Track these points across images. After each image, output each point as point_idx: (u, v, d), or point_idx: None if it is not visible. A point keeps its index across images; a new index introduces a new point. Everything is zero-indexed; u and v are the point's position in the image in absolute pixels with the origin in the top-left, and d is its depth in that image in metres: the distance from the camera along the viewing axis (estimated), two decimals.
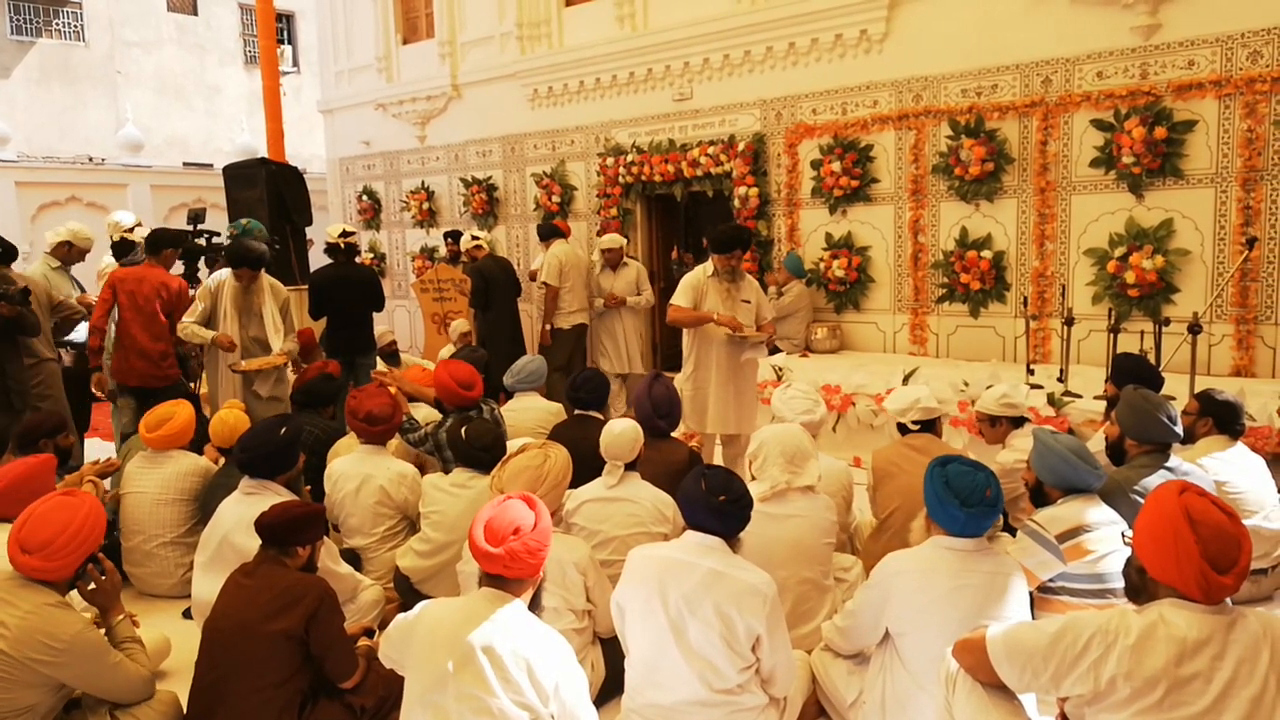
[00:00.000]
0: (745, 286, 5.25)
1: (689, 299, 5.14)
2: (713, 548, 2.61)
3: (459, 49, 10.85)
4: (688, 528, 2.72)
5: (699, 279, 5.18)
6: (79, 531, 2.58)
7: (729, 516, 2.66)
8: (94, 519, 2.65)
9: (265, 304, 5.43)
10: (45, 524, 2.52)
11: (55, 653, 2.46)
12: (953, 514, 2.51)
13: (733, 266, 5.14)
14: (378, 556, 3.89)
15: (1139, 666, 1.85)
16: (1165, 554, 1.94)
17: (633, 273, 7.89)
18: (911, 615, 2.53)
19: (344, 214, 12.68)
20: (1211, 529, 1.91)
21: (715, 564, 2.57)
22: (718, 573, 2.55)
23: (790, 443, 3.36)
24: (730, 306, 5.14)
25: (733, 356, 5.18)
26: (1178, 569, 1.92)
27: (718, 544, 2.62)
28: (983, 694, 2.12)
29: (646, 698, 2.64)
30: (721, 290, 5.16)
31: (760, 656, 2.58)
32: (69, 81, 16.24)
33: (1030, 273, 6.96)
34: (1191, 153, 6.19)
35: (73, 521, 2.58)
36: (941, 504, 2.53)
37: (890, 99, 7.56)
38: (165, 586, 4.10)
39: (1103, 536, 2.99)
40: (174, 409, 4.16)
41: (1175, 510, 1.94)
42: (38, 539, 2.50)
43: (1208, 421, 3.80)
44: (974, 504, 2.49)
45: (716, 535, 2.62)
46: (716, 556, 2.60)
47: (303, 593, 2.77)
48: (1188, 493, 1.99)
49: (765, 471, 3.32)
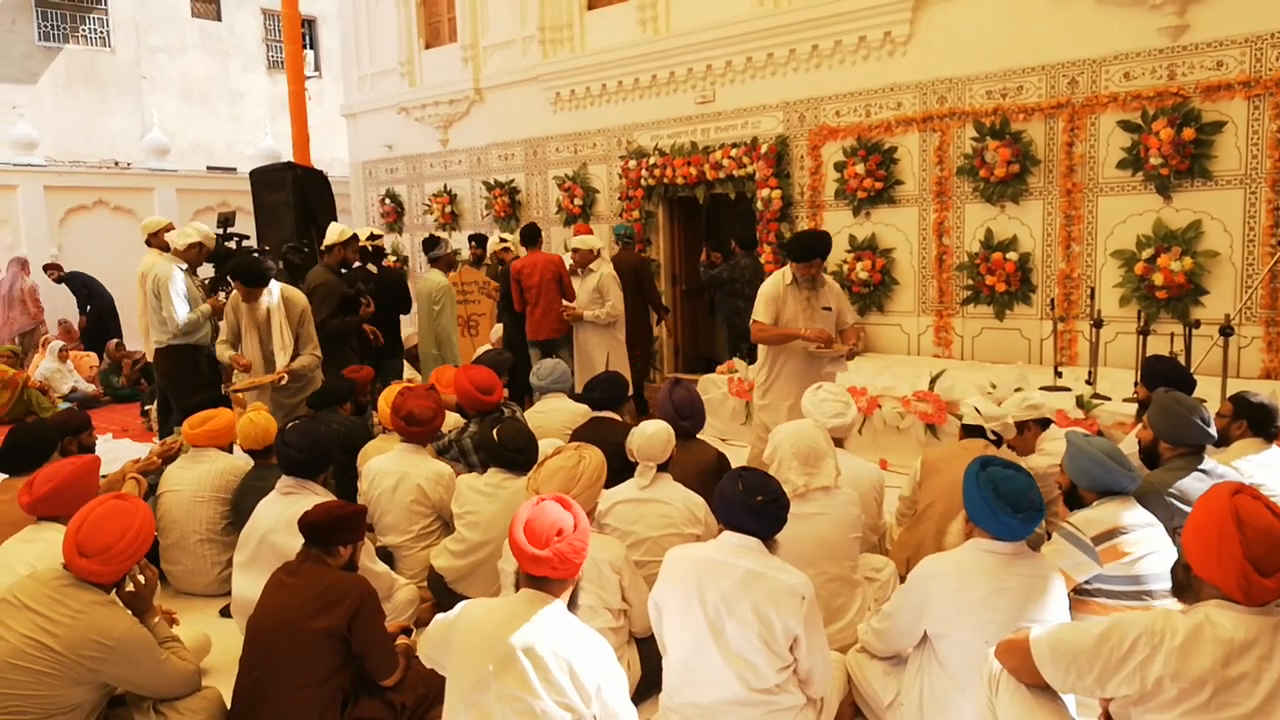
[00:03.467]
0: (825, 292, 4.95)
1: (770, 313, 4.84)
2: (750, 548, 2.63)
3: (481, 53, 10.92)
4: (724, 529, 2.73)
5: (777, 288, 4.86)
6: (136, 537, 2.64)
7: (766, 517, 2.66)
8: (148, 526, 2.71)
9: (272, 319, 5.35)
10: (103, 529, 2.57)
11: (106, 650, 2.50)
12: (1005, 521, 2.50)
13: (812, 275, 4.85)
14: (411, 555, 3.93)
15: (1186, 667, 1.85)
16: (1209, 552, 1.95)
17: (594, 280, 6.99)
18: (951, 618, 2.53)
19: (366, 217, 12.78)
20: (1259, 531, 1.90)
21: (753, 564, 2.59)
22: (756, 573, 2.57)
23: (803, 444, 3.35)
24: (810, 315, 4.86)
25: (812, 368, 4.91)
26: (1220, 568, 1.92)
27: (755, 545, 2.63)
28: (1026, 695, 2.12)
29: (685, 697, 2.66)
30: (801, 298, 4.86)
31: (798, 657, 2.59)
32: (95, 87, 16.43)
33: (1056, 275, 6.94)
34: (1220, 154, 6.15)
35: (130, 527, 2.63)
36: (993, 512, 2.52)
37: (914, 101, 7.55)
38: (202, 584, 4.16)
39: (1139, 539, 2.98)
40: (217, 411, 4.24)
41: (1224, 510, 1.94)
42: (96, 543, 2.56)
43: (1242, 424, 3.77)
44: (1023, 509, 2.50)
45: (754, 536, 2.64)
46: (754, 557, 2.61)
47: (345, 591, 2.80)
48: (1241, 494, 1.99)
49: (782, 475, 3.32)
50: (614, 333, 7.08)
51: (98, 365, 10.17)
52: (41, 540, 3.05)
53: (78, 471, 3.11)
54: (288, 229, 8.69)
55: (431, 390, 4.42)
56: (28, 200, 12.29)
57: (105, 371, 10.04)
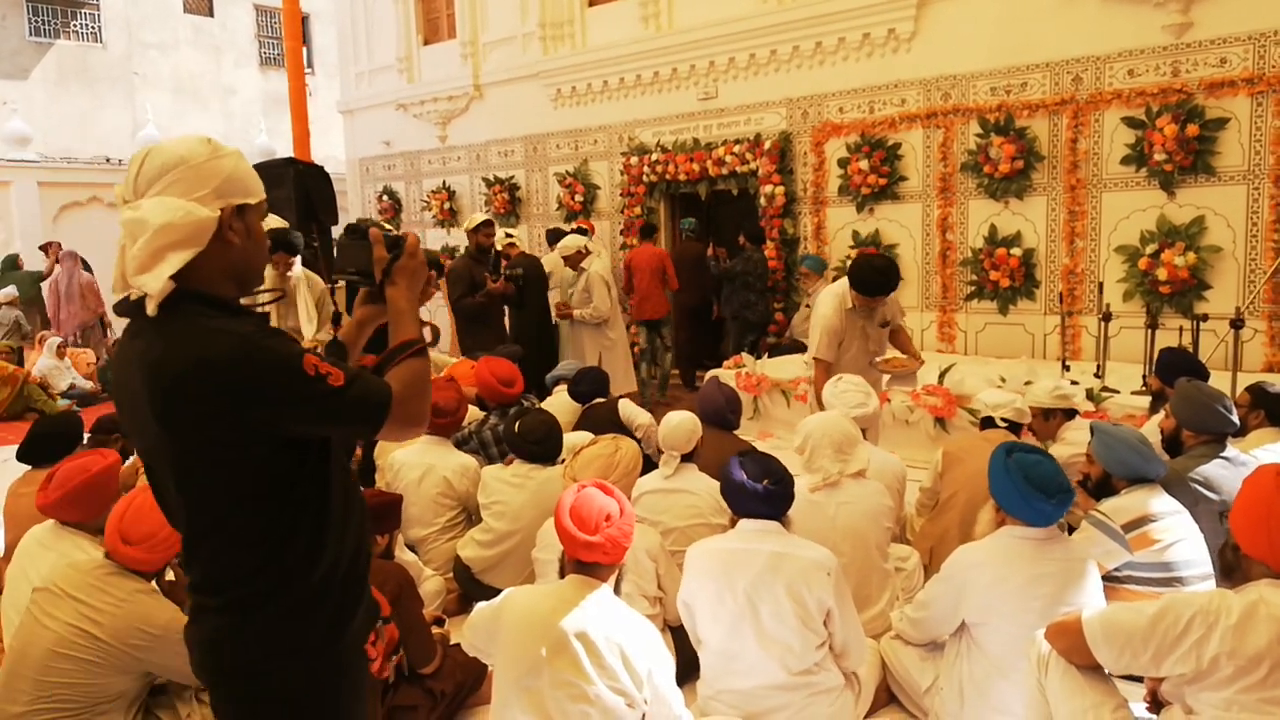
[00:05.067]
0: (881, 310, 4.74)
1: (833, 349, 4.59)
2: (770, 531, 2.69)
3: (481, 49, 10.90)
4: (737, 517, 2.77)
5: (839, 318, 4.58)
6: None
7: (775, 498, 2.73)
8: None
9: (300, 293, 5.46)
10: (146, 517, 2.56)
11: (151, 638, 2.50)
12: (1039, 507, 2.53)
13: (870, 310, 4.65)
14: (436, 547, 3.93)
15: (1242, 645, 1.89)
16: (1258, 529, 1.99)
17: (584, 279, 7.07)
18: (992, 605, 2.56)
19: (364, 214, 12.74)
20: None
21: (776, 546, 2.65)
22: (780, 554, 2.62)
23: (838, 432, 3.40)
24: (864, 337, 4.72)
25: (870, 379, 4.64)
26: (1270, 545, 1.96)
27: (774, 527, 2.70)
28: (1077, 675, 2.15)
29: (724, 684, 2.68)
30: (857, 326, 4.66)
31: (832, 630, 2.64)
32: (87, 83, 16.31)
33: (1060, 270, 7.00)
34: (1223, 150, 6.23)
35: None
36: (1025, 498, 2.54)
37: (918, 97, 7.59)
38: None
39: (1168, 526, 3.02)
40: None
41: (1271, 488, 1.98)
42: (140, 531, 2.55)
43: (1259, 414, 3.83)
44: (1055, 493, 2.53)
45: (769, 519, 2.70)
46: (776, 539, 2.67)
47: (385, 579, 2.80)
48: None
49: (815, 463, 3.36)
50: (605, 332, 7.19)
51: (95, 362, 10.10)
52: (56, 550, 2.99)
53: (97, 476, 3.06)
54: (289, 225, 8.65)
55: (451, 382, 4.42)
56: (21, 196, 12.21)
57: (104, 369, 9.97)
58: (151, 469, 1.58)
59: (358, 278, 1.69)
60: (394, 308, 1.69)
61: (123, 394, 1.54)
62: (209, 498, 1.49)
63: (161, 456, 1.49)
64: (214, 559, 1.53)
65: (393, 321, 1.69)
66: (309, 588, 1.54)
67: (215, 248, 1.47)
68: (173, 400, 1.40)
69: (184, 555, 1.57)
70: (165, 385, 1.40)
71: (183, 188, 1.45)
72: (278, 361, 1.42)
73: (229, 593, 1.52)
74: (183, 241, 1.43)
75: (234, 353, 1.40)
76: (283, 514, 1.51)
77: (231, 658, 1.55)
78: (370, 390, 1.50)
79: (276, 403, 1.42)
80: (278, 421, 1.45)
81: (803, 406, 6.57)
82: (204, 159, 1.48)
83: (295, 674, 1.56)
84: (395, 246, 1.70)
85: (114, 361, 1.58)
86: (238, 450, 1.45)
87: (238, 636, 1.53)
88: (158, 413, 1.42)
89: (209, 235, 1.46)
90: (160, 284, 1.41)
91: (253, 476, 1.48)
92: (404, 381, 1.56)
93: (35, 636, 2.46)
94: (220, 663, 1.57)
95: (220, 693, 1.60)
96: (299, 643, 1.55)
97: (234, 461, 1.46)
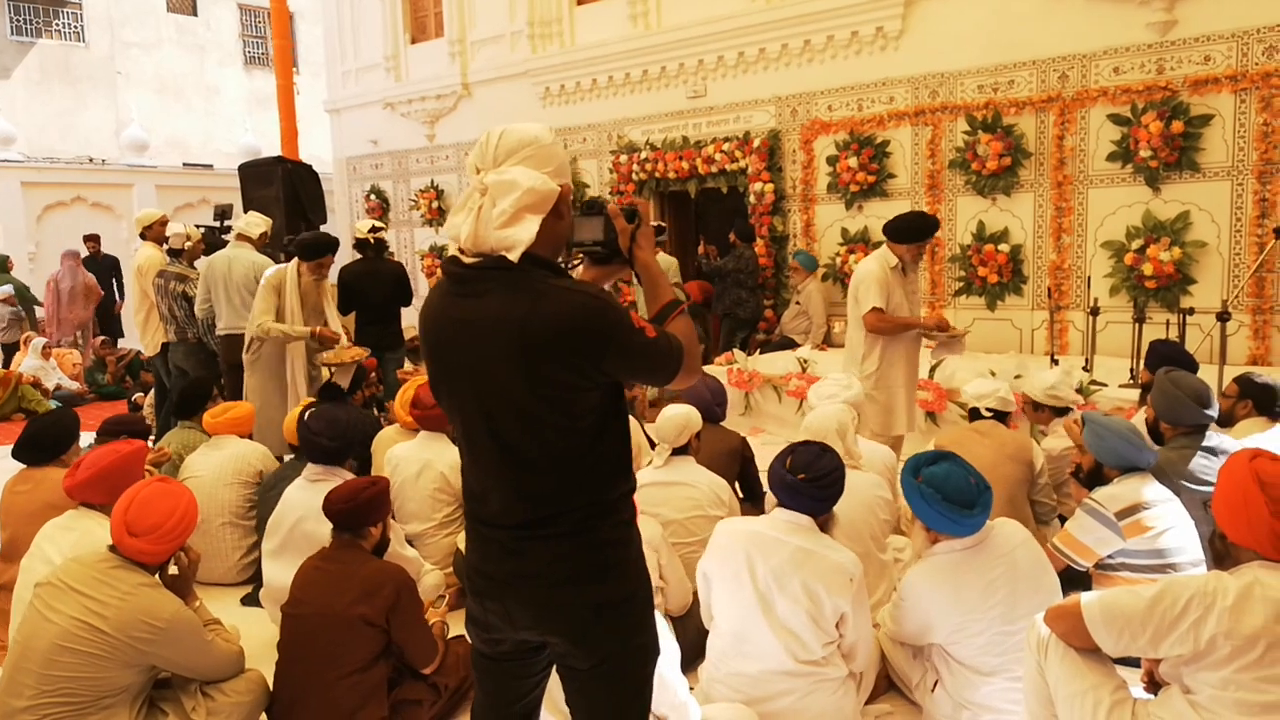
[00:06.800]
0: (915, 275, 4.77)
1: (884, 299, 4.51)
2: (801, 526, 2.66)
3: (469, 48, 10.90)
4: (777, 505, 2.77)
5: (884, 275, 4.53)
6: (184, 517, 2.64)
7: (803, 494, 2.67)
8: (194, 506, 2.71)
9: (326, 296, 5.43)
10: (152, 508, 2.57)
11: (156, 631, 2.50)
12: (964, 521, 2.57)
13: (918, 255, 4.64)
14: (434, 542, 3.94)
15: (1239, 625, 1.92)
16: (1238, 517, 2.03)
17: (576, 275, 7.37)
18: (956, 623, 2.61)
19: (351, 213, 12.70)
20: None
21: (804, 542, 2.63)
22: (806, 550, 2.61)
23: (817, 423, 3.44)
24: (909, 297, 4.67)
25: (916, 354, 4.78)
26: (1250, 530, 2.00)
27: (807, 523, 2.67)
28: (1076, 658, 2.19)
29: (732, 666, 2.70)
30: (900, 283, 4.61)
31: (844, 633, 2.65)
32: (69, 82, 16.19)
33: (1047, 266, 7.07)
34: (1208, 146, 6.31)
35: (179, 506, 2.63)
36: (947, 518, 2.57)
37: (907, 95, 7.65)
38: (221, 571, 4.14)
39: (1160, 513, 3.06)
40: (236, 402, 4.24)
41: (1246, 474, 2.02)
42: (146, 522, 2.55)
43: (1247, 404, 3.88)
44: (973, 502, 2.56)
45: (804, 513, 2.68)
46: (804, 535, 2.65)
47: (383, 582, 2.80)
48: (1259, 458, 2.07)
49: None
50: None
51: (81, 363, 10.02)
52: (78, 529, 3.02)
53: (125, 459, 3.09)
54: (278, 223, 8.61)
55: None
56: (5, 196, 12.12)
57: (90, 369, 9.90)
58: (477, 417, 1.73)
59: (599, 249, 1.85)
60: (649, 273, 1.86)
61: (449, 352, 1.74)
62: (556, 437, 1.69)
63: (508, 402, 1.68)
64: (554, 490, 1.73)
65: (648, 285, 1.87)
66: (625, 496, 1.81)
67: (549, 219, 1.67)
68: (542, 352, 1.61)
69: (515, 493, 1.74)
70: (535, 339, 1.61)
71: (535, 162, 1.67)
72: (623, 317, 1.65)
73: (572, 514, 1.73)
74: (537, 205, 1.64)
75: (594, 310, 1.63)
76: (611, 445, 1.77)
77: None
78: (672, 345, 1.73)
79: (621, 351, 1.65)
80: (618, 367, 1.68)
81: (793, 402, 6.62)
82: (550, 141, 1.71)
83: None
84: (633, 217, 1.85)
85: (435, 320, 1.76)
86: (586, 393, 1.68)
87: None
88: (526, 363, 1.62)
89: (550, 205, 1.67)
90: (530, 235, 1.61)
91: (591, 414, 1.70)
92: (685, 337, 1.78)
93: (39, 630, 2.45)
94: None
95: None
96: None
97: (581, 403, 1.68)
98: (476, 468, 1.81)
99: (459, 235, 1.69)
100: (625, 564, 1.80)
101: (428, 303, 1.80)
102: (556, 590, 1.74)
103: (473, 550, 1.85)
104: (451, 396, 1.79)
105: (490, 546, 1.80)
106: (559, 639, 1.79)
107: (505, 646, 1.87)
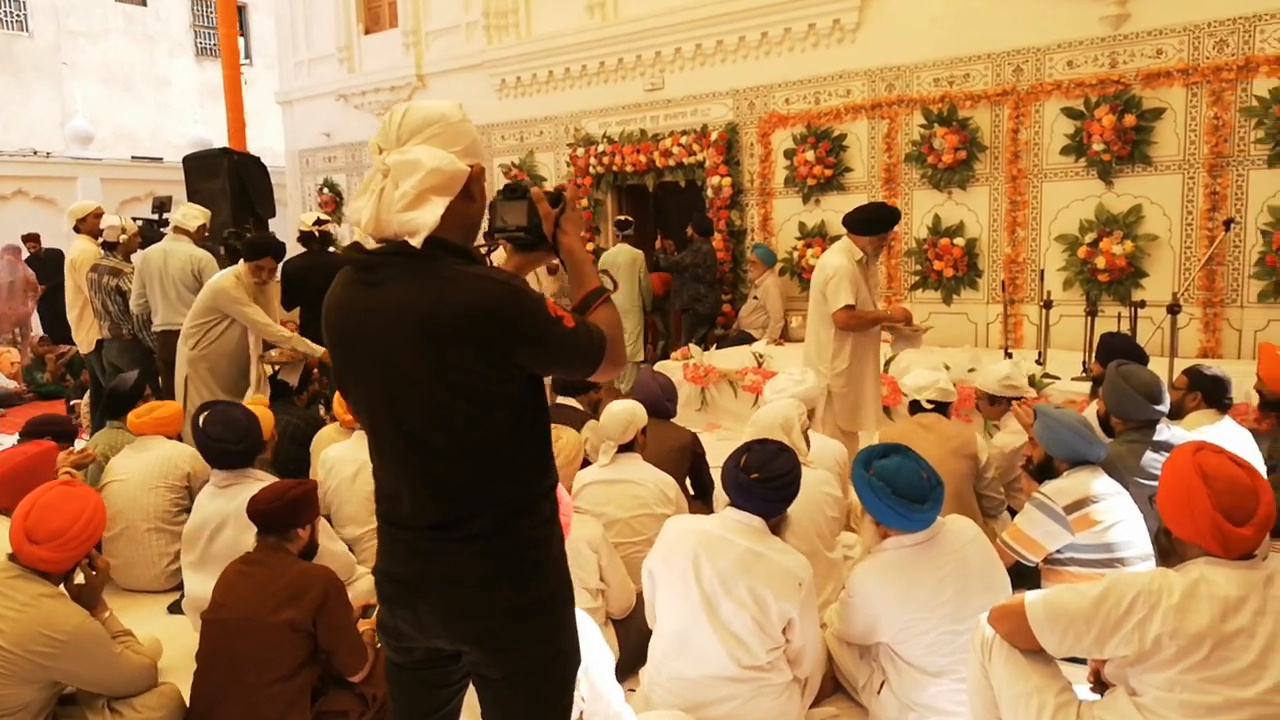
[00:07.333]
0: (876, 267, 4.75)
1: (854, 295, 4.42)
2: (752, 528, 2.56)
3: (424, 38, 10.70)
4: (729, 504, 2.67)
5: (853, 270, 4.44)
6: (89, 522, 2.49)
7: (755, 495, 2.58)
8: (101, 512, 2.55)
9: (272, 301, 5.28)
10: (54, 514, 2.41)
11: (57, 644, 2.35)
12: (915, 517, 2.50)
13: (880, 247, 4.60)
14: (372, 547, 3.77)
15: (1184, 624, 1.86)
16: (1181, 511, 1.97)
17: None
18: (904, 622, 2.54)
19: (304, 207, 12.43)
20: (1224, 482, 1.92)
21: (753, 544, 2.53)
22: (756, 553, 2.52)
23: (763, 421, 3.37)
24: (871, 291, 4.61)
25: (879, 348, 4.76)
26: (1193, 524, 1.94)
27: (758, 525, 2.57)
28: (1020, 659, 2.12)
29: (673, 670, 2.60)
30: (864, 277, 4.54)
31: (790, 638, 2.56)
32: (12, 73, 15.67)
33: (1002, 259, 7.06)
34: (1160, 140, 6.33)
35: (84, 512, 2.48)
36: (899, 513, 2.50)
37: (863, 88, 7.61)
38: (147, 578, 3.95)
39: (1109, 507, 3.02)
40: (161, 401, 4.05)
41: (1189, 467, 1.96)
42: (47, 529, 2.39)
43: (1196, 396, 3.86)
44: (925, 496, 2.49)
45: (755, 514, 2.58)
46: (754, 537, 2.55)
47: (310, 584, 2.68)
48: (1203, 451, 2.01)
49: None
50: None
51: (19, 361, 9.69)
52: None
53: (32, 460, 2.92)
54: (224, 216, 8.38)
55: None
56: None
57: (29, 368, 9.58)
58: (384, 409, 1.63)
59: (522, 234, 1.76)
60: (573, 258, 1.79)
61: (354, 341, 1.64)
62: (467, 428, 1.60)
63: (416, 393, 1.58)
64: (467, 485, 1.63)
65: (573, 271, 1.80)
66: (546, 494, 1.73)
67: (458, 202, 1.59)
68: (449, 341, 1.53)
69: (428, 491, 1.64)
70: (442, 327, 1.52)
71: (442, 141, 1.58)
72: (537, 306, 1.57)
73: (490, 512, 1.63)
74: (443, 186, 1.55)
75: (505, 298, 1.54)
76: (529, 439, 1.68)
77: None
78: (592, 335, 1.66)
79: (534, 342, 1.57)
80: (531, 359, 1.60)
81: (749, 397, 6.55)
82: (459, 119, 1.62)
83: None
84: (558, 201, 1.78)
85: (339, 309, 1.66)
86: (499, 384, 1.59)
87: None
88: (433, 350, 1.53)
89: (459, 187, 1.58)
90: (434, 219, 1.52)
91: (505, 406, 1.61)
92: (608, 326, 1.70)
93: None
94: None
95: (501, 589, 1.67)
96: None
97: (493, 394, 1.59)
98: (387, 465, 1.70)
99: (360, 220, 1.58)
100: (545, 564, 1.71)
101: (331, 292, 1.69)
102: (471, 595, 1.65)
103: (382, 554, 1.75)
104: (357, 388, 1.69)
105: (399, 548, 1.70)
106: (472, 647, 1.68)
107: (417, 655, 1.77)
